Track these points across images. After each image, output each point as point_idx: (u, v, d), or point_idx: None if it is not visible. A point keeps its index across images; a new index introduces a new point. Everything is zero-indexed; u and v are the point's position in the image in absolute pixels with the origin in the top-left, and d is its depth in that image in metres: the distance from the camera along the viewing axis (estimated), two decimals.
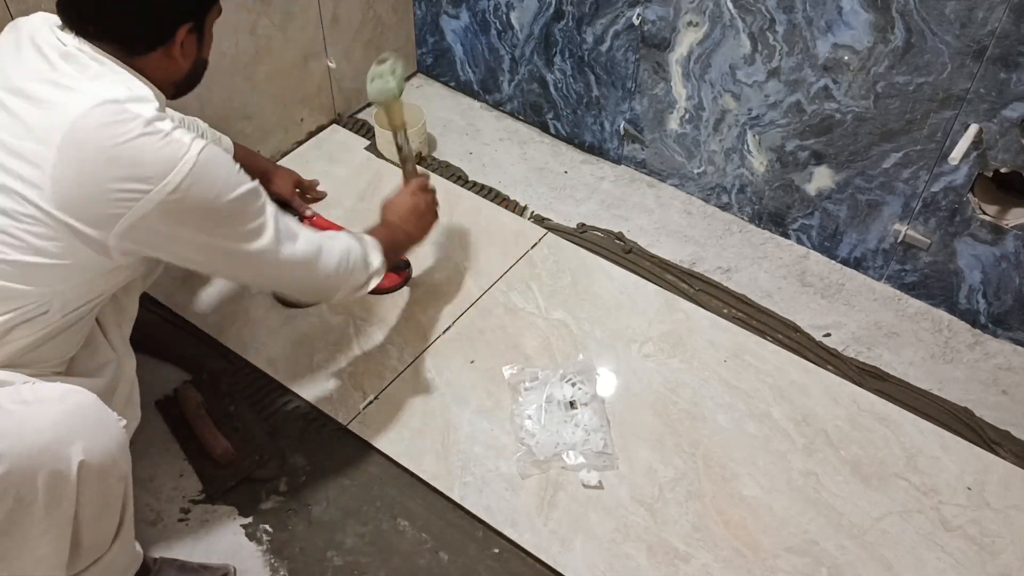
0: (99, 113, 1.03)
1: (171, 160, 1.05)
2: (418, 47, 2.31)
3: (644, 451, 1.54)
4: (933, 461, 1.55)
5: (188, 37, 1.14)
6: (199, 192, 1.08)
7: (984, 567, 1.41)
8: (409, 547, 1.41)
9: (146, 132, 1.04)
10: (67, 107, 1.03)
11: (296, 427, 1.55)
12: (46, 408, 1.02)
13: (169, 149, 1.05)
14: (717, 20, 1.74)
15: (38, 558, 1.05)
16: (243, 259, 1.19)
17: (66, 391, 1.05)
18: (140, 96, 1.07)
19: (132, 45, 1.10)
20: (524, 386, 1.60)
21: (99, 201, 1.04)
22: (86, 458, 1.02)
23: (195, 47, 1.17)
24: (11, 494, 0.99)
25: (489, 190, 2.04)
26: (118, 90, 1.06)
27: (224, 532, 1.41)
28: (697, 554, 1.41)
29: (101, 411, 1.06)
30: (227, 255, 1.18)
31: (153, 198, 1.05)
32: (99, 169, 1.03)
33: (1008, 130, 1.54)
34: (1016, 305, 1.72)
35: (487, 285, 1.81)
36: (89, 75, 1.06)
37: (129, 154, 1.03)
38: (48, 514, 1.02)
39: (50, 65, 1.07)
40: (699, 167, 2.00)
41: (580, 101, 2.08)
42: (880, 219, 1.79)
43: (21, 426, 0.99)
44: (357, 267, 1.33)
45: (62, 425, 1.01)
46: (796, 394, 1.64)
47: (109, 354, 1.28)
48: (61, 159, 1.02)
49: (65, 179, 1.02)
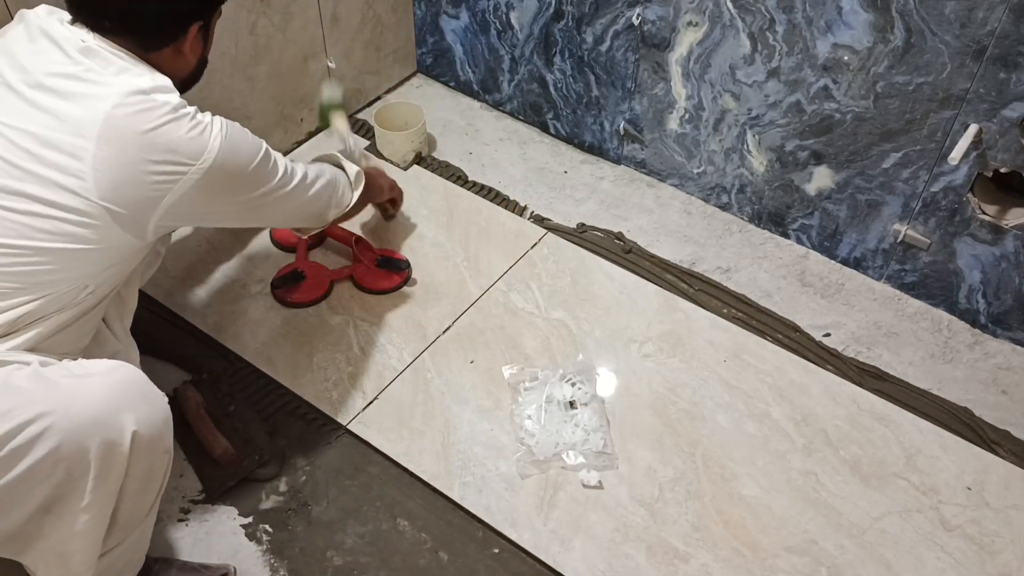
0: (130, 103, 1.08)
1: (203, 140, 1.13)
2: (418, 47, 2.31)
3: (644, 451, 1.54)
4: (933, 461, 1.55)
5: (198, 35, 1.20)
6: (231, 164, 1.18)
7: (984, 567, 1.41)
8: (409, 547, 1.41)
9: (176, 117, 1.11)
10: (99, 99, 1.08)
11: (296, 427, 1.55)
12: (96, 381, 1.04)
13: (198, 130, 1.13)
14: (717, 20, 1.74)
15: (76, 534, 1.06)
16: (269, 207, 1.31)
17: (113, 365, 1.08)
18: (163, 86, 1.13)
19: (147, 41, 1.15)
20: (524, 386, 1.60)
21: (141, 184, 1.10)
22: (138, 428, 1.04)
23: (202, 45, 1.23)
24: (62, 467, 1.00)
25: (489, 190, 2.04)
26: (143, 81, 1.11)
27: (224, 532, 1.41)
28: (697, 554, 1.41)
29: (147, 385, 1.10)
30: (256, 208, 1.29)
31: (192, 176, 1.13)
32: (138, 155, 1.09)
33: (1008, 130, 1.54)
34: (1016, 305, 1.72)
35: (487, 285, 1.81)
36: (113, 70, 1.11)
37: (165, 139, 1.10)
38: (96, 486, 1.03)
39: (71, 59, 1.10)
40: (699, 167, 2.00)
41: (580, 101, 2.08)
42: (880, 219, 1.79)
43: (72, 398, 1.01)
44: (344, 189, 1.50)
45: (114, 396, 1.04)
46: (796, 394, 1.64)
47: (116, 344, 1.30)
48: (100, 149, 1.07)
49: (106, 167, 1.07)
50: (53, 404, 0.99)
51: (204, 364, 1.62)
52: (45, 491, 1.01)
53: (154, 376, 1.56)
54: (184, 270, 1.79)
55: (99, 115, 1.07)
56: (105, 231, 1.11)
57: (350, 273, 1.79)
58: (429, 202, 1.98)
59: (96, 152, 1.06)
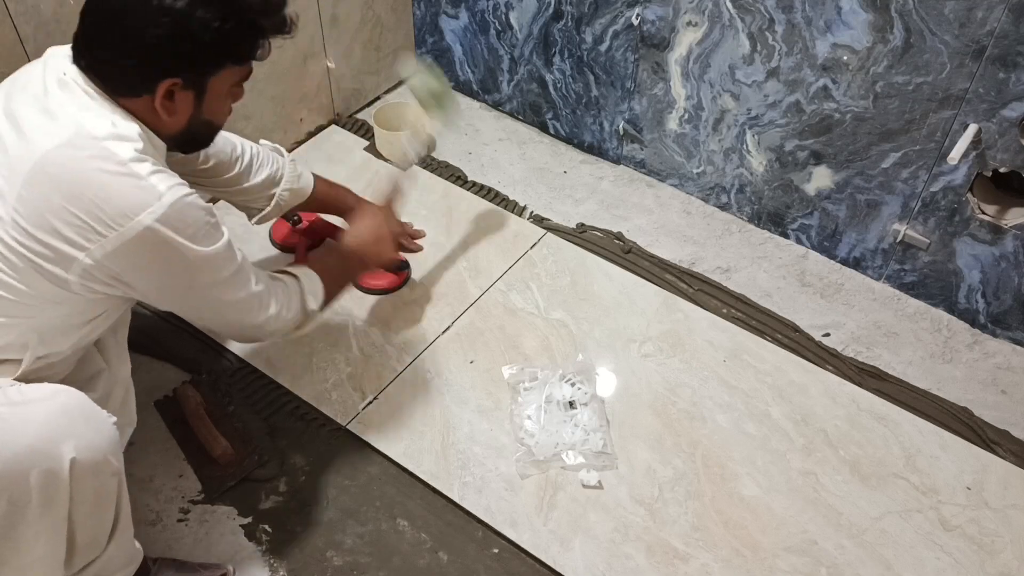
0: (73, 146, 1.01)
1: (138, 205, 1.02)
2: (417, 47, 2.31)
3: (643, 451, 1.54)
4: (932, 461, 1.55)
5: (181, 94, 1.08)
6: (162, 242, 1.05)
7: (983, 566, 1.41)
8: (408, 547, 1.41)
9: (118, 172, 1.02)
10: (45, 136, 1.02)
11: (295, 427, 1.55)
12: (34, 408, 1.02)
13: (137, 195, 1.02)
14: (716, 20, 1.74)
15: (35, 559, 1.05)
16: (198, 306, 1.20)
17: (55, 390, 1.04)
18: (122, 135, 1.04)
19: (114, 85, 1.07)
20: (523, 386, 1.60)
21: (58, 237, 1.02)
22: (77, 456, 1.01)
23: (191, 104, 1.11)
24: (4, 496, 0.98)
25: (488, 190, 2.04)
26: (101, 125, 1.04)
27: (223, 532, 1.41)
28: (696, 554, 1.41)
29: (90, 409, 1.06)
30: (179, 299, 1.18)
31: (111, 244, 1.03)
32: (60, 203, 1.01)
33: (1007, 130, 1.54)
34: (1015, 305, 1.72)
35: (486, 285, 1.81)
36: (77, 105, 1.05)
37: (94, 192, 1.01)
38: (42, 515, 1.02)
39: (45, 90, 1.06)
40: (698, 167, 2.00)
41: (579, 101, 2.08)
42: (879, 219, 1.79)
43: (10, 428, 0.99)
44: (294, 312, 1.30)
45: (52, 424, 1.01)
46: (795, 394, 1.64)
47: (99, 364, 1.26)
48: (26, 189, 1.01)
49: (27, 210, 1.01)
50: None
51: (204, 364, 1.62)
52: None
53: (154, 376, 1.58)
54: None
55: (36, 153, 1.00)
56: (29, 278, 1.05)
57: None
58: (429, 202, 1.98)
59: (21, 191, 1.00)
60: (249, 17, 1.09)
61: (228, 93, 1.16)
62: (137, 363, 1.33)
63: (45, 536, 1.04)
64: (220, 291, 1.17)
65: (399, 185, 1.61)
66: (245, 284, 1.19)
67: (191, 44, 1.05)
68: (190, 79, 1.08)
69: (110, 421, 1.08)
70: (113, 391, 1.26)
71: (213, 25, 1.05)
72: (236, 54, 1.11)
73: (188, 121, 1.13)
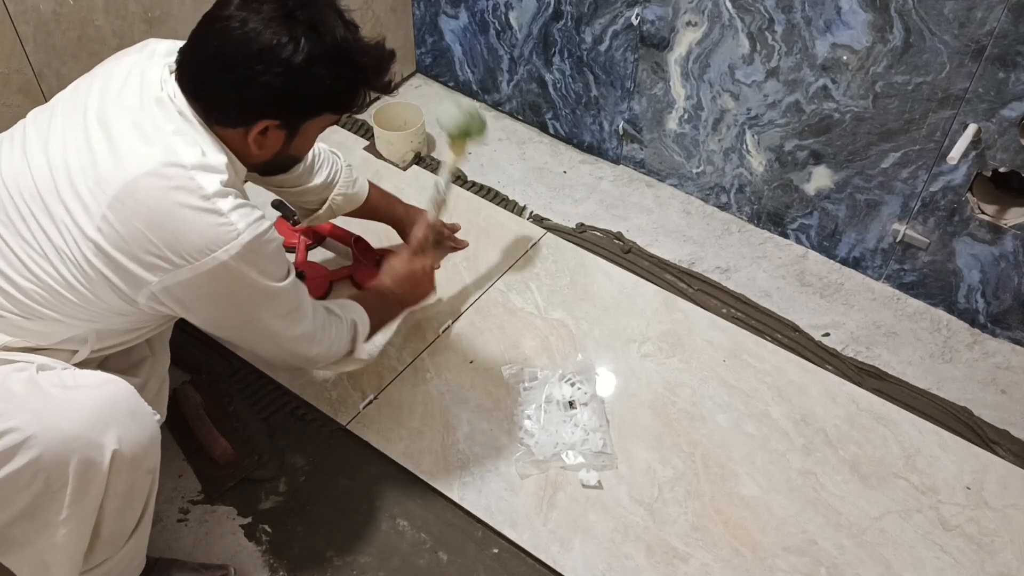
0: (161, 176, 1.03)
1: (215, 242, 1.05)
2: (417, 47, 2.31)
3: (643, 451, 1.54)
4: (932, 460, 1.55)
5: (274, 132, 1.12)
6: (233, 277, 1.08)
7: (983, 566, 1.41)
8: (408, 547, 1.41)
9: (200, 207, 1.04)
10: (135, 160, 1.03)
11: (295, 427, 1.55)
12: (84, 394, 1.03)
13: (216, 231, 1.05)
14: (716, 20, 1.74)
15: (58, 545, 1.05)
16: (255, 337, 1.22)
17: (104, 379, 1.06)
18: (211, 166, 1.06)
19: (214, 114, 1.09)
20: (523, 386, 1.60)
21: (134, 260, 1.05)
22: (120, 448, 1.03)
23: (281, 142, 1.14)
24: (41, 478, 1.00)
25: (488, 190, 2.04)
26: (191, 153, 1.05)
27: (223, 532, 1.41)
28: (696, 554, 1.41)
29: (137, 402, 1.07)
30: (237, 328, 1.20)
31: (184, 274, 1.05)
32: (143, 230, 1.03)
33: (1007, 130, 1.54)
34: (1015, 304, 1.72)
35: (486, 285, 1.81)
36: (170, 129, 1.06)
37: (176, 225, 1.03)
38: (75, 500, 1.03)
39: (141, 106, 1.07)
40: (698, 167, 2.00)
41: (579, 101, 2.08)
42: (879, 219, 1.79)
43: (58, 410, 1.00)
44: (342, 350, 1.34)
45: (99, 412, 1.02)
46: (795, 394, 1.64)
47: (144, 351, 1.30)
48: (111, 211, 1.03)
49: (109, 231, 1.03)
50: (39, 414, 0.99)
51: (204, 364, 1.62)
52: (25, 499, 1.01)
53: None
54: None
55: (125, 178, 1.02)
56: (99, 290, 1.07)
57: (349, 273, 1.79)
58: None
59: (107, 211, 1.03)
60: (362, 77, 1.12)
61: (317, 133, 1.19)
62: None
63: (73, 522, 1.05)
64: (279, 325, 1.19)
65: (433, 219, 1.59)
66: (303, 319, 1.22)
67: (300, 96, 1.09)
68: (287, 123, 1.12)
69: (154, 418, 1.09)
70: (150, 381, 1.29)
71: (324, 82, 1.08)
72: (337, 105, 1.14)
73: (274, 156, 1.16)
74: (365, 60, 1.11)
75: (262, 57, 1.03)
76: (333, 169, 1.57)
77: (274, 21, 1.04)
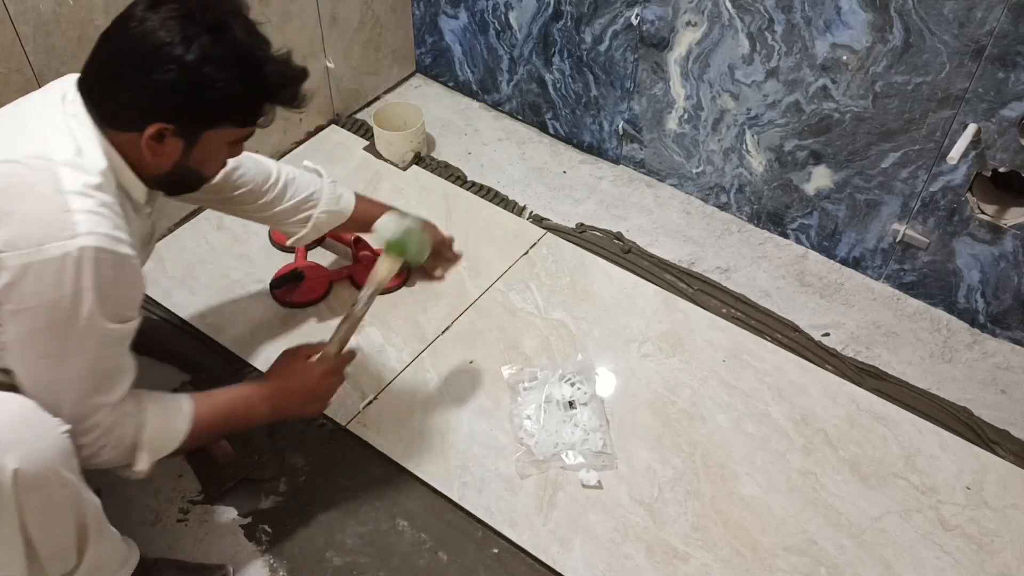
0: (23, 163, 1.00)
1: (48, 234, 0.97)
2: (417, 47, 2.31)
3: (643, 451, 1.54)
4: (932, 460, 1.55)
5: (171, 140, 1.06)
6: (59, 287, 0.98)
7: (983, 566, 1.41)
8: (408, 547, 1.41)
9: (48, 196, 0.99)
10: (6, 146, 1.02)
11: (295, 427, 1.55)
12: None
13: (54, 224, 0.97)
14: (716, 20, 1.74)
15: None
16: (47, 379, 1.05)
17: (2, 398, 1.00)
18: (82, 165, 1.02)
19: (106, 116, 1.06)
20: (523, 386, 1.60)
21: None
22: (21, 467, 0.97)
23: (179, 151, 1.08)
24: None
25: (488, 190, 2.04)
26: (65, 149, 1.02)
27: (223, 532, 1.41)
28: (696, 554, 1.41)
29: (37, 416, 1.01)
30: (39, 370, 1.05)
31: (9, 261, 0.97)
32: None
33: (1006, 130, 1.54)
34: (1015, 304, 1.72)
35: (486, 285, 1.81)
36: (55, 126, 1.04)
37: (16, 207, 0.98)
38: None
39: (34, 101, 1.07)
40: (698, 167, 2.00)
41: (579, 101, 2.08)
42: (879, 219, 1.79)
43: None
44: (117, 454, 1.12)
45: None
46: (795, 394, 1.64)
47: None
48: None
49: None
50: None
51: (204, 364, 1.62)
52: None
53: (154, 376, 1.58)
54: (184, 270, 1.79)
55: None
56: None
57: (349, 273, 1.79)
58: (428, 202, 1.98)
59: None
60: (261, 86, 1.07)
61: (222, 149, 1.13)
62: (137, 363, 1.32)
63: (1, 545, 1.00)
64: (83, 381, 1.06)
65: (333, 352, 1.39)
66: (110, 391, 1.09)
67: (191, 98, 1.04)
68: (183, 128, 1.06)
69: (60, 430, 1.03)
70: None
71: (218, 85, 1.03)
72: (238, 116, 1.09)
73: (173, 166, 1.10)
74: (267, 70, 1.07)
75: (154, 54, 1.01)
76: (311, 189, 1.53)
77: (171, 20, 1.01)
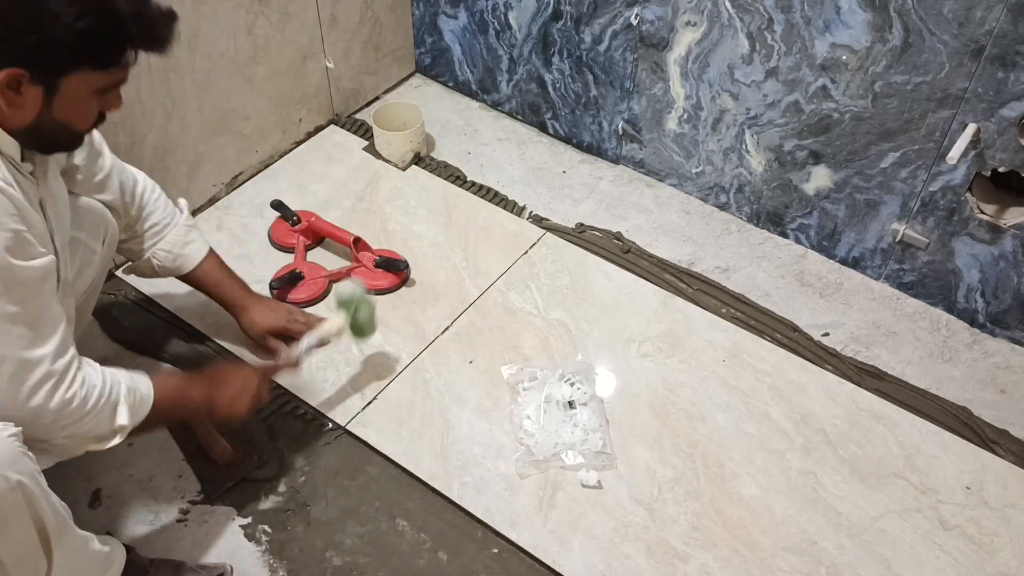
0: None
1: None
2: (416, 47, 2.31)
3: (643, 451, 1.54)
4: (931, 460, 1.56)
5: (30, 88, 0.98)
6: None
7: (982, 566, 1.41)
8: (408, 547, 1.41)
9: None
10: None
11: (295, 428, 1.55)
12: None
13: None
14: (715, 20, 1.74)
15: None
16: None
17: None
18: None
19: None
20: (523, 386, 1.60)
21: None
22: None
23: (38, 101, 1.00)
24: None
25: (487, 190, 2.04)
26: None
27: (223, 532, 1.41)
28: (696, 554, 1.41)
29: None
30: None
31: None
32: None
33: (1006, 129, 1.54)
34: (1014, 304, 1.72)
35: (485, 285, 1.81)
36: None
37: None
38: None
39: None
40: (697, 167, 2.00)
41: (578, 101, 2.08)
42: (878, 218, 1.79)
43: None
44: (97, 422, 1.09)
45: None
46: (794, 393, 1.64)
47: None
48: None
49: None
50: None
51: (203, 364, 1.62)
52: None
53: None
54: None
55: None
56: None
57: (348, 273, 1.79)
58: (427, 202, 1.98)
59: None
60: (113, 21, 1.00)
61: (90, 97, 1.05)
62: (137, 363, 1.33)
63: None
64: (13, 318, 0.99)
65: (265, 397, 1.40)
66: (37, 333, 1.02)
67: (39, 36, 0.96)
68: (39, 74, 0.98)
69: (4, 433, 0.99)
70: None
71: (66, 21, 0.95)
72: (94, 57, 1.01)
73: (36, 118, 1.02)
74: (118, 4, 0.99)
75: None
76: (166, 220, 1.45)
77: None
